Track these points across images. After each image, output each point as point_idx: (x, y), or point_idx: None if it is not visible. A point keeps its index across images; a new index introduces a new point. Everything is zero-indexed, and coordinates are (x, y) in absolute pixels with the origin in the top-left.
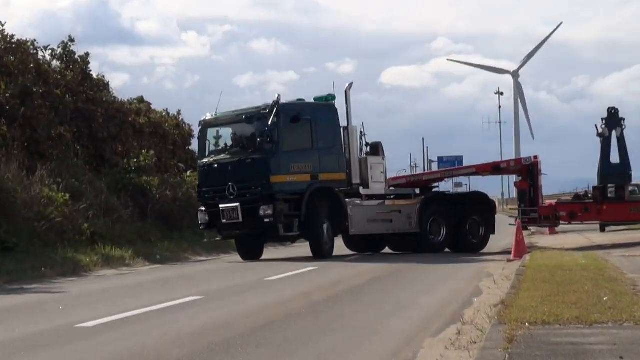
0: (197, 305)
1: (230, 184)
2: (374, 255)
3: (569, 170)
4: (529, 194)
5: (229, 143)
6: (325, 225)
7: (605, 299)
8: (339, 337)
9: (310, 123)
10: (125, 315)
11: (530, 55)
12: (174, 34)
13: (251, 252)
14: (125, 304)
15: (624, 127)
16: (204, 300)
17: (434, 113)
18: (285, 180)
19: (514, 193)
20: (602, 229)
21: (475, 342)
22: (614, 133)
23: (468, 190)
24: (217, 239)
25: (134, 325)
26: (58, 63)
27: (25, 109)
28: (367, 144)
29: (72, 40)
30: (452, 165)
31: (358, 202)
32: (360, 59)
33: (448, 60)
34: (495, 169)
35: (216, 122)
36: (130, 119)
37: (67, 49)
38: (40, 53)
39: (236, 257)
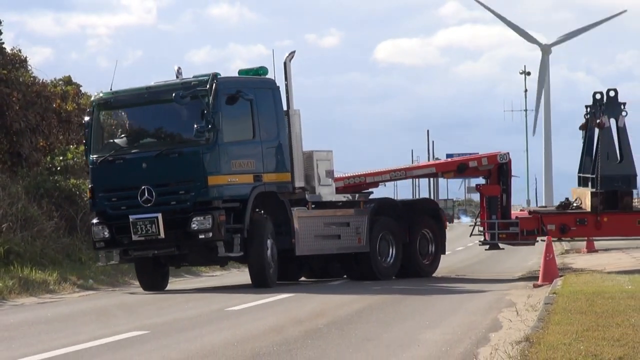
0: (141, 342)
1: (145, 187)
2: (363, 281)
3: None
4: (501, 201)
5: (134, 131)
6: (269, 244)
7: None
8: None
9: (251, 105)
10: (48, 355)
11: (571, 35)
12: None
13: (156, 280)
14: (49, 340)
15: (626, 114)
16: (150, 336)
17: (442, 99)
18: (226, 181)
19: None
20: None
21: None
22: (612, 122)
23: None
24: (113, 262)
25: None
26: None
27: None
28: None
29: None
30: None
31: (304, 212)
32: (349, 30)
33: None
34: (461, 168)
35: (117, 103)
36: (54, 106)
37: None
38: None
39: (190, 281)
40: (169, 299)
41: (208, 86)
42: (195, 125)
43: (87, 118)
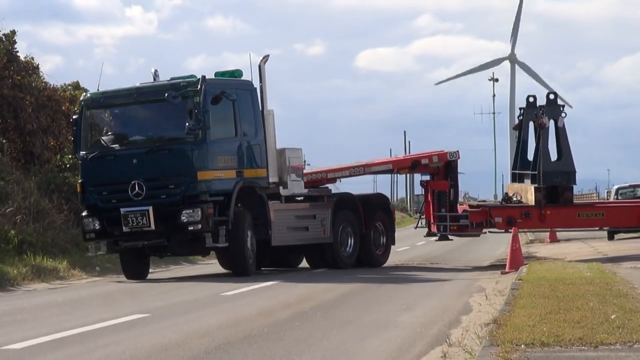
0: (143, 324)
1: (135, 181)
2: (336, 270)
3: None
4: (449, 195)
5: (123, 129)
6: (249, 235)
7: (613, 317)
8: None
9: (233, 105)
10: (58, 335)
11: (531, 73)
12: (117, 9)
13: (139, 270)
14: (59, 322)
15: (565, 115)
16: (151, 319)
17: (417, 102)
18: (213, 177)
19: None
20: (611, 237)
21: None
22: (552, 123)
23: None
24: (100, 253)
25: (69, 347)
26: None
27: None
28: None
29: None
30: None
31: (278, 205)
32: (332, 40)
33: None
34: (414, 165)
35: (106, 102)
36: (63, 108)
37: None
38: None
39: (189, 269)
40: (168, 285)
41: (198, 87)
42: (187, 124)
43: (75, 116)
